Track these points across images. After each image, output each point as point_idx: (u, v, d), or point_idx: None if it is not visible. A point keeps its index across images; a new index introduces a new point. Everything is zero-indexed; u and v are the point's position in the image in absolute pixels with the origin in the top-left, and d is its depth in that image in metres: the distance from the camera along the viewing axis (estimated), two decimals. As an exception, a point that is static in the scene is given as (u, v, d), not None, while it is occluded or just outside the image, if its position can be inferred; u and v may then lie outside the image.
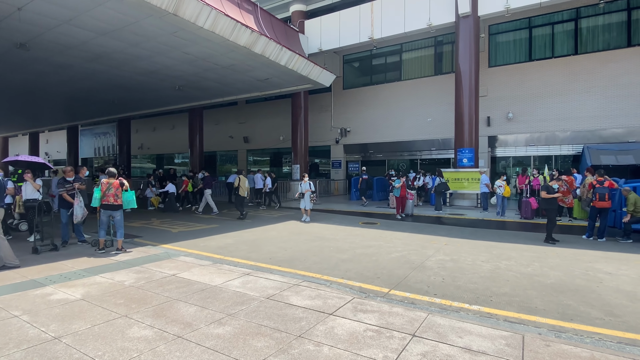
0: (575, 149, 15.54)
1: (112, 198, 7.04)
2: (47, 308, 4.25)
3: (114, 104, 21.77)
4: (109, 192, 7.03)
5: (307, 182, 11.67)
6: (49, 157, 40.85)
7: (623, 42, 14.83)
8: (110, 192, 7.04)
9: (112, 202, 7.05)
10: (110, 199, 7.04)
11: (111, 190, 7.05)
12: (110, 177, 7.17)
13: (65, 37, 11.40)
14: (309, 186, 11.61)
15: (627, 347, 3.39)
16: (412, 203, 13.11)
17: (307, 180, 11.76)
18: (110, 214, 7.18)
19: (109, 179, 7.15)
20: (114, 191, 7.06)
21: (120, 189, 7.15)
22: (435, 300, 4.69)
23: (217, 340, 3.44)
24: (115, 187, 7.09)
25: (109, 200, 7.04)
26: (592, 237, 8.66)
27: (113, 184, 7.10)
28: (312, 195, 11.68)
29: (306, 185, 11.62)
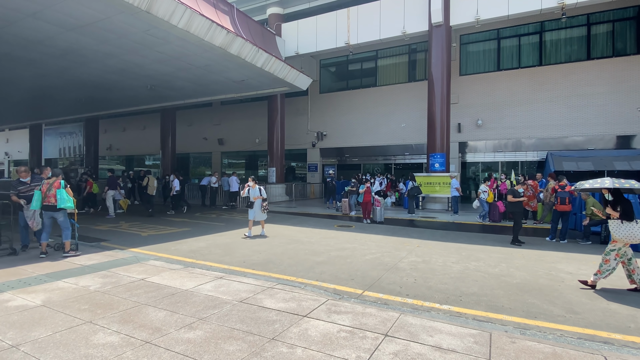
0: (540, 155, 16.30)
1: (53, 198, 6.64)
2: (4, 315, 4.00)
3: (82, 103, 20.91)
4: (50, 193, 6.65)
5: (256, 187, 9.51)
6: (9, 158, 38.66)
7: (583, 55, 15.75)
8: (51, 192, 6.65)
9: (53, 202, 6.66)
10: (52, 200, 6.65)
11: (51, 190, 6.65)
12: (54, 177, 6.77)
13: (29, 32, 10.88)
14: (258, 192, 9.43)
15: (586, 343, 3.57)
16: (381, 210, 12.18)
17: (256, 185, 9.62)
18: (51, 215, 6.76)
19: (51, 178, 6.75)
20: (54, 191, 6.66)
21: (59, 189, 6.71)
22: (407, 300, 4.77)
23: (188, 345, 3.35)
24: (55, 187, 6.68)
25: (49, 201, 6.66)
26: (554, 239, 9.08)
27: (54, 184, 6.69)
28: (265, 203, 9.44)
29: (255, 191, 9.41)
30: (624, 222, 5.07)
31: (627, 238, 5.04)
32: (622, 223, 5.08)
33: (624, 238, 5.06)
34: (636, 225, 5.02)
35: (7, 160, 38.67)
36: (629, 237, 5.02)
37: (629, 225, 5.03)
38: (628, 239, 5.04)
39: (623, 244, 5.11)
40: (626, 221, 5.05)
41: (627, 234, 5.03)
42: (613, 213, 5.18)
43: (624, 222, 5.07)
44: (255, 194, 9.37)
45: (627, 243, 5.10)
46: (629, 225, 5.03)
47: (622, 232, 5.07)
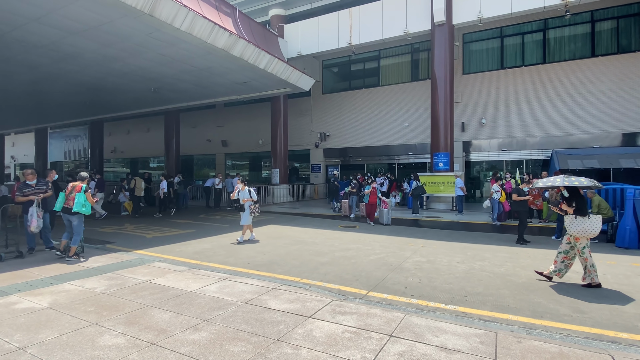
0: (544, 154, 16.19)
1: (72, 202, 6.72)
2: (12, 317, 4.04)
3: (86, 106, 21.04)
4: (71, 196, 6.76)
5: (246, 189, 8.92)
6: (15, 161, 39.02)
7: (587, 52, 15.63)
8: (72, 195, 6.76)
9: (71, 205, 6.74)
10: (70, 203, 6.75)
11: (72, 193, 6.77)
12: (79, 181, 6.92)
13: (33, 36, 10.97)
14: (248, 194, 8.85)
15: (593, 342, 3.54)
16: (388, 212, 11.61)
17: (246, 186, 9.04)
18: (68, 217, 6.82)
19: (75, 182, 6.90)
20: (74, 194, 6.75)
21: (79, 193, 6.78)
22: (412, 300, 4.75)
23: (193, 347, 3.36)
24: (77, 191, 6.77)
25: (69, 203, 6.77)
26: (561, 238, 9.01)
27: (75, 187, 6.81)
28: (254, 206, 8.85)
29: (245, 193, 8.85)
30: (577, 217, 5.20)
31: (580, 233, 5.15)
32: (576, 218, 5.20)
33: (576, 233, 5.18)
34: (588, 221, 5.12)
35: (13, 164, 39.02)
36: (582, 231, 5.13)
37: (581, 220, 5.15)
38: (581, 234, 5.14)
39: (586, 239, 5.19)
40: (579, 216, 5.17)
41: (579, 228, 5.14)
42: (568, 209, 5.33)
43: (577, 217, 5.20)
44: (244, 196, 8.85)
45: (580, 238, 5.19)
46: (582, 220, 5.15)
47: (574, 227, 5.18)
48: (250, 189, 9.02)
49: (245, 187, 9.00)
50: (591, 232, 5.09)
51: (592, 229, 5.08)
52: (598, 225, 5.10)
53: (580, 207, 5.24)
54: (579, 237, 5.19)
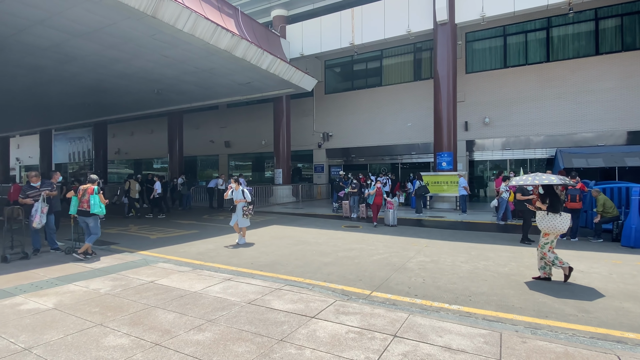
0: (548, 153, 16.11)
1: (86, 204, 6.90)
2: (17, 318, 4.06)
3: (90, 108, 21.18)
4: (84, 198, 6.91)
5: (240, 188, 8.51)
6: (20, 163, 39.31)
7: (591, 50, 15.53)
8: (85, 198, 6.91)
9: (85, 208, 6.91)
10: (84, 205, 6.91)
11: (85, 196, 6.92)
12: (89, 183, 7.06)
13: (38, 39, 11.05)
14: (242, 195, 8.43)
15: (599, 342, 3.52)
16: (393, 213, 11.24)
17: (240, 186, 8.62)
18: (84, 219, 6.99)
19: (86, 184, 7.04)
20: (87, 197, 6.90)
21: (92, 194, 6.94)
22: (416, 300, 4.74)
23: (197, 347, 3.37)
24: (89, 193, 6.92)
25: (82, 206, 6.94)
26: (565, 237, 8.95)
27: (87, 189, 6.95)
28: (248, 207, 8.42)
29: (238, 194, 8.45)
30: (549, 214, 5.39)
31: (550, 229, 5.36)
32: (547, 215, 5.40)
33: (546, 229, 5.40)
34: (559, 218, 5.32)
35: (18, 166, 39.30)
36: (551, 227, 5.34)
37: (553, 216, 5.35)
38: (550, 230, 5.35)
39: (555, 235, 5.39)
40: (551, 213, 5.36)
41: (550, 224, 5.35)
42: (542, 206, 5.50)
43: (549, 214, 5.39)
44: (238, 196, 8.44)
45: (549, 234, 5.39)
46: (553, 217, 5.35)
47: (545, 223, 5.39)
48: (244, 189, 8.57)
49: (239, 187, 8.58)
50: (560, 228, 5.31)
51: (561, 226, 5.31)
52: (567, 223, 5.33)
53: (553, 204, 5.41)
54: (548, 232, 5.40)
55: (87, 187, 7.00)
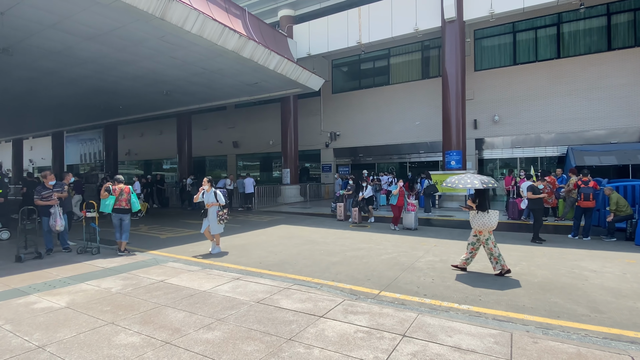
0: (560, 151, 15.87)
1: (124, 202, 7.48)
2: (31, 317, 4.14)
3: (100, 110, 21.48)
4: (122, 197, 7.46)
5: (212, 190, 7.63)
6: (33, 164, 40.03)
7: (603, 46, 15.25)
8: (123, 197, 7.47)
9: (124, 206, 7.47)
10: (122, 204, 7.46)
11: (123, 195, 7.48)
12: (119, 183, 7.56)
13: (49, 42, 11.24)
14: (214, 197, 7.54)
15: (612, 343, 3.46)
16: (415, 215, 10.32)
17: (212, 188, 7.72)
18: (120, 217, 7.48)
19: (119, 185, 7.54)
20: (126, 196, 7.50)
21: (130, 194, 7.60)
22: (425, 300, 4.71)
23: (207, 346, 3.40)
24: (127, 192, 7.54)
25: (121, 204, 7.45)
26: (577, 236, 8.82)
27: (124, 189, 7.54)
28: (222, 211, 7.56)
29: (210, 196, 7.57)
30: (479, 212, 5.69)
31: (480, 226, 5.66)
32: (478, 213, 5.70)
33: (477, 227, 5.70)
34: (487, 215, 5.65)
35: (31, 167, 40.02)
36: (481, 225, 5.66)
37: (482, 215, 5.66)
38: (481, 227, 5.66)
39: (488, 232, 5.71)
40: (480, 212, 5.67)
41: (480, 222, 5.67)
42: (472, 205, 5.80)
43: (479, 212, 5.69)
44: (209, 199, 7.58)
45: (482, 231, 5.70)
46: (482, 215, 5.66)
47: (476, 221, 5.71)
48: (217, 191, 7.67)
49: (211, 188, 7.71)
50: (490, 225, 5.63)
51: (490, 223, 5.64)
52: (495, 220, 5.67)
53: (481, 203, 5.71)
54: (481, 230, 5.70)
55: (124, 187, 7.54)
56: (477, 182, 5.65)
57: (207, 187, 7.68)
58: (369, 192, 11.95)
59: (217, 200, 7.56)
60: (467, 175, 5.93)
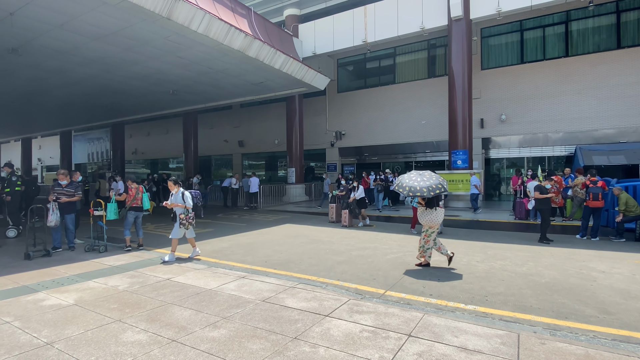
0: (567, 150, 15.69)
1: (139, 201, 7.82)
2: (40, 314, 4.19)
3: (108, 109, 21.66)
4: (137, 196, 7.80)
5: (180, 191, 6.97)
6: (41, 163, 40.49)
7: (613, 44, 15.05)
8: (138, 196, 7.83)
9: (140, 204, 7.84)
10: (138, 202, 7.81)
11: (139, 194, 7.84)
12: (133, 183, 7.81)
13: (57, 42, 11.35)
14: (181, 198, 6.90)
15: (621, 344, 3.41)
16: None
17: (180, 188, 7.04)
18: (136, 215, 7.86)
19: (134, 184, 7.79)
20: (140, 195, 7.87)
21: (143, 193, 7.97)
22: (431, 300, 4.69)
23: (212, 344, 3.41)
24: (141, 192, 7.92)
25: (137, 203, 7.79)
26: (585, 237, 8.72)
27: (139, 188, 7.90)
28: (186, 215, 6.86)
29: (177, 198, 6.93)
30: (427, 209, 6.10)
31: (428, 222, 6.10)
32: (426, 210, 6.11)
33: (425, 222, 6.13)
34: (434, 212, 6.07)
35: (40, 166, 40.49)
36: (429, 221, 6.08)
37: (429, 212, 6.08)
38: (428, 223, 6.09)
39: (434, 227, 6.12)
40: (428, 209, 6.08)
41: (427, 219, 6.10)
42: (422, 202, 6.16)
43: (427, 209, 6.10)
44: (175, 200, 6.93)
45: (433, 226, 6.10)
46: (429, 212, 6.07)
47: (424, 217, 6.13)
48: (185, 192, 6.98)
49: (179, 189, 7.04)
50: (436, 221, 6.08)
51: (436, 219, 6.08)
52: (441, 217, 6.16)
53: (429, 201, 6.07)
54: (431, 225, 6.13)
55: (137, 186, 7.85)
56: (425, 190, 5.83)
57: (174, 189, 7.07)
58: (360, 194, 11.22)
59: (184, 201, 6.90)
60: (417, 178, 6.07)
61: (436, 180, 5.92)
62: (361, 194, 11.26)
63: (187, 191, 7.13)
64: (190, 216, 6.97)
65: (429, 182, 5.89)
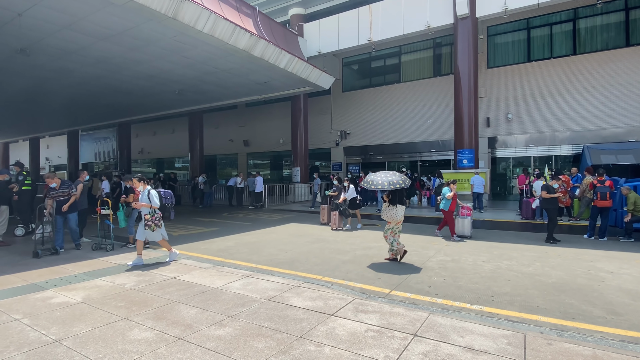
0: (575, 149, 15.54)
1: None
2: (48, 311, 4.24)
3: (114, 109, 21.83)
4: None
5: (146, 190, 6.50)
6: (49, 163, 40.92)
7: (621, 41, 14.86)
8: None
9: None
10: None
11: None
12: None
13: (65, 42, 11.45)
14: (147, 197, 6.40)
15: (629, 345, 3.38)
16: (470, 221, 8.90)
17: (147, 186, 6.63)
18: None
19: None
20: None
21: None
22: (436, 300, 4.67)
23: (218, 342, 3.43)
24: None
25: None
26: (593, 237, 8.64)
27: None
28: (152, 216, 6.39)
29: (143, 196, 6.46)
30: (389, 206, 6.46)
31: (388, 218, 6.46)
32: (389, 207, 6.47)
33: (386, 218, 6.49)
34: (395, 209, 6.41)
35: (47, 165, 40.92)
36: (389, 217, 6.44)
37: (391, 208, 6.45)
38: (389, 219, 6.45)
39: (395, 222, 6.45)
40: (391, 205, 6.45)
41: (388, 215, 6.45)
42: (386, 199, 6.54)
43: (389, 206, 6.46)
44: (142, 199, 6.47)
45: (397, 222, 6.45)
46: (391, 208, 6.44)
47: (386, 213, 6.50)
48: (151, 191, 6.47)
49: (146, 187, 6.56)
50: (397, 218, 6.40)
51: (397, 216, 6.41)
52: (401, 214, 6.45)
53: (392, 199, 6.47)
54: (390, 221, 6.47)
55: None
56: (386, 184, 6.34)
57: (139, 186, 6.63)
58: (351, 194, 10.57)
59: (150, 201, 6.41)
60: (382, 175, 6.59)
61: (398, 178, 6.48)
62: (352, 193, 10.60)
63: (156, 190, 6.72)
64: (157, 217, 6.48)
65: (391, 178, 6.46)
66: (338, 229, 10.30)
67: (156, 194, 6.56)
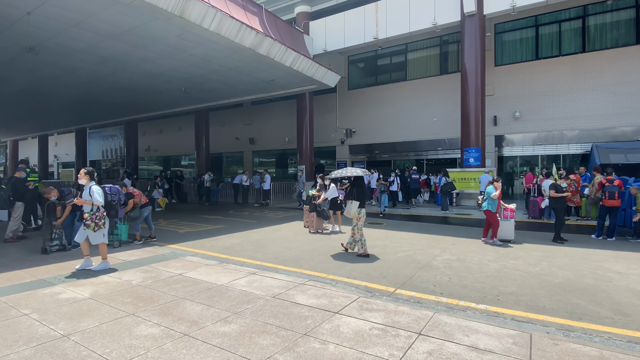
0: (583, 148, 15.35)
1: (144, 199, 8.47)
2: (56, 307, 4.30)
3: (121, 107, 22.00)
4: (143, 197, 8.42)
5: (89, 185, 5.84)
6: (58, 160, 41.37)
7: (632, 39, 14.63)
8: (143, 196, 8.46)
9: (144, 202, 8.44)
10: (143, 200, 8.45)
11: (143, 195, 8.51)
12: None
13: (73, 41, 11.55)
14: (88, 194, 5.78)
15: (637, 346, 3.34)
16: (513, 224, 8.25)
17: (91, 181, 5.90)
18: (149, 210, 8.53)
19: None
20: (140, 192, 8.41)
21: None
22: (441, 299, 4.66)
23: (223, 338, 3.45)
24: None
25: (145, 200, 8.50)
26: (601, 237, 8.55)
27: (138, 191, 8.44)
28: (93, 214, 5.72)
29: (85, 193, 5.83)
30: (351, 202, 6.90)
31: (346, 213, 7.02)
32: (350, 203, 6.91)
33: (345, 214, 7.05)
34: (350, 205, 6.90)
35: (56, 163, 41.39)
36: (346, 212, 7.00)
37: (348, 203, 6.94)
38: (347, 214, 7.00)
39: (356, 219, 6.93)
40: (349, 201, 6.95)
41: (346, 210, 6.99)
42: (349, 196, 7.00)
43: (351, 202, 6.90)
44: (84, 196, 5.83)
45: (358, 218, 6.91)
46: (348, 203, 6.94)
47: (346, 209, 6.98)
48: (93, 187, 5.81)
49: (90, 181, 5.88)
50: (351, 213, 6.88)
51: (351, 210, 6.87)
52: (354, 209, 6.86)
53: (349, 193, 7.04)
54: (349, 216, 6.99)
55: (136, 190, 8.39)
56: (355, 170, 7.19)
57: (84, 180, 5.85)
58: (332, 193, 9.76)
59: (91, 198, 5.73)
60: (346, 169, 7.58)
61: (360, 172, 7.17)
62: (333, 193, 9.79)
63: (100, 186, 5.99)
64: (98, 215, 5.72)
65: (351, 171, 7.26)
66: (317, 232, 9.48)
67: (99, 190, 5.83)
